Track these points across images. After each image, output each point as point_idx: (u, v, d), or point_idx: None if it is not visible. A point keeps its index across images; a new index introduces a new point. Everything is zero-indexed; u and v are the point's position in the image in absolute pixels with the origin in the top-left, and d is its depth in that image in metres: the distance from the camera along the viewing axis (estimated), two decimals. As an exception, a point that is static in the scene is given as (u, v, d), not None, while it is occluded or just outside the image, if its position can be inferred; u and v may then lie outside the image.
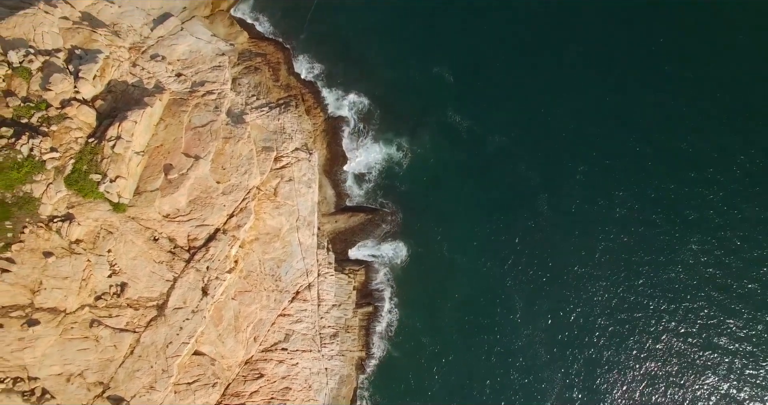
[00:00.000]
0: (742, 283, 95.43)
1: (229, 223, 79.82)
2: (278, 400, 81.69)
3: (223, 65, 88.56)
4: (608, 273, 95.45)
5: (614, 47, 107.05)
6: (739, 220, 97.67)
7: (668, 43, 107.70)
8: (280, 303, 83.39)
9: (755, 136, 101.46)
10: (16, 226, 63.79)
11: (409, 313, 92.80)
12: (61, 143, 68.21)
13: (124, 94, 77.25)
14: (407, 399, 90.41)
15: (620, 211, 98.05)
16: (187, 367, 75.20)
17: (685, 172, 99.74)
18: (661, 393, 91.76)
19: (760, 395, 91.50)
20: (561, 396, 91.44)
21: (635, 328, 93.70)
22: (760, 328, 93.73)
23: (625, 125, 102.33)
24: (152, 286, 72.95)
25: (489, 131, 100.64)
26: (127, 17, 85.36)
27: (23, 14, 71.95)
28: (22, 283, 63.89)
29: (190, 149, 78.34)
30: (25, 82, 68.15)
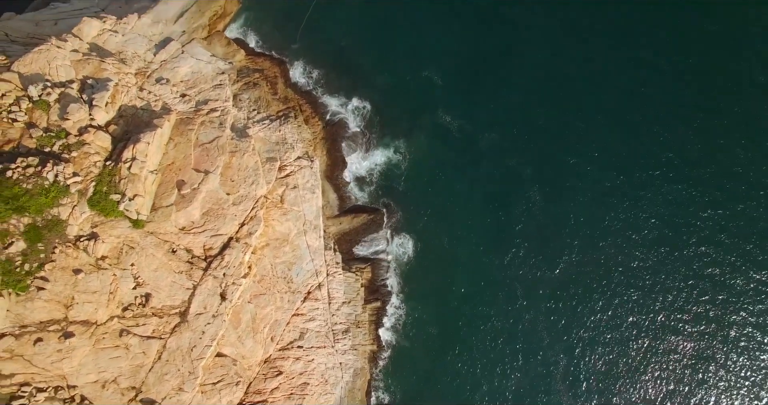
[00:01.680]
0: (741, 263, 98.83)
1: (241, 231, 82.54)
2: (297, 395, 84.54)
3: (224, 83, 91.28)
4: (603, 257, 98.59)
5: (594, 43, 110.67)
6: (731, 206, 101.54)
7: (650, 34, 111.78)
8: (294, 303, 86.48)
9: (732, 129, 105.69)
10: (48, 247, 66.54)
11: (416, 305, 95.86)
12: (82, 168, 71.16)
13: (134, 117, 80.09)
14: (419, 387, 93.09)
15: (610, 197, 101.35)
16: (211, 369, 78.17)
17: (665, 154, 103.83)
18: (661, 369, 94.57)
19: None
20: (565, 375, 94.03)
21: (633, 308, 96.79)
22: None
23: (610, 116, 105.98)
24: (174, 294, 75.94)
25: (479, 129, 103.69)
26: (131, 45, 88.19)
27: (38, 51, 74.87)
28: (57, 299, 66.79)
29: (200, 165, 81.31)
30: (45, 114, 71.10)
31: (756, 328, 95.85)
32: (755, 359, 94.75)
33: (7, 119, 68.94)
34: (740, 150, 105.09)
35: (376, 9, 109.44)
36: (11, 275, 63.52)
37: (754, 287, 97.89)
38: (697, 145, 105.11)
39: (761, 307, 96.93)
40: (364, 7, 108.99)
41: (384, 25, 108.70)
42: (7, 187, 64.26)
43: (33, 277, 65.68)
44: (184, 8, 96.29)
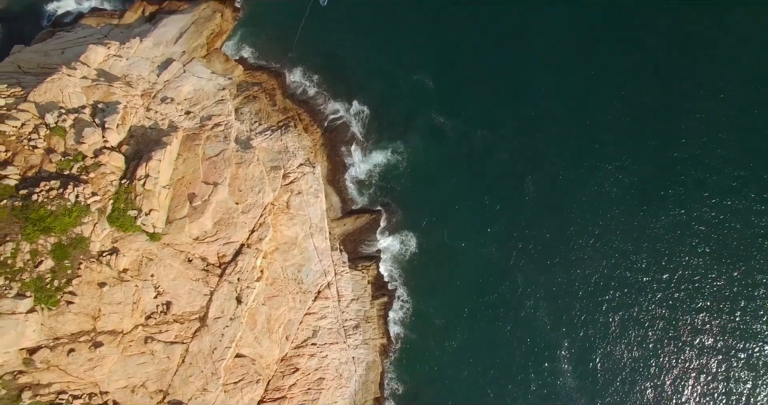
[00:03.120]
0: (733, 244, 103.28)
1: (252, 238, 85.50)
2: (314, 390, 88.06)
3: (225, 98, 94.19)
4: (597, 241, 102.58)
5: (575, 39, 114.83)
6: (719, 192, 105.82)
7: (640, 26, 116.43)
8: (305, 303, 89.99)
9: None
10: (73, 263, 69.53)
11: (421, 298, 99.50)
12: (100, 187, 74.06)
13: (144, 136, 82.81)
14: (430, 376, 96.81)
15: (599, 184, 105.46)
16: (232, 369, 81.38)
17: (655, 142, 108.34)
18: (661, 347, 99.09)
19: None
20: (568, 357, 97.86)
21: (629, 290, 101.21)
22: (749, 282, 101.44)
23: (592, 108, 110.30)
24: (193, 301, 78.97)
25: (471, 127, 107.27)
26: (135, 68, 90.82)
27: (51, 80, 77.70)
28: (85, 312, 69.77)
29: (209, 177, 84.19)
30: (62, 139, 74.14)
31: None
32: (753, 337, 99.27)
33: (28, 146, 71.73)
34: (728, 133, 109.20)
35: (367, 17, 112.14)
36: (43, 292, 66.54)
37: (753, 273, 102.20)
38: (689, 137, 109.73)
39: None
40: (355, 16, 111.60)
41: (374, 33, 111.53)
42: (33, 210, 67.23)
43: (62, 292, 68.53)
44: (183, 29, 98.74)
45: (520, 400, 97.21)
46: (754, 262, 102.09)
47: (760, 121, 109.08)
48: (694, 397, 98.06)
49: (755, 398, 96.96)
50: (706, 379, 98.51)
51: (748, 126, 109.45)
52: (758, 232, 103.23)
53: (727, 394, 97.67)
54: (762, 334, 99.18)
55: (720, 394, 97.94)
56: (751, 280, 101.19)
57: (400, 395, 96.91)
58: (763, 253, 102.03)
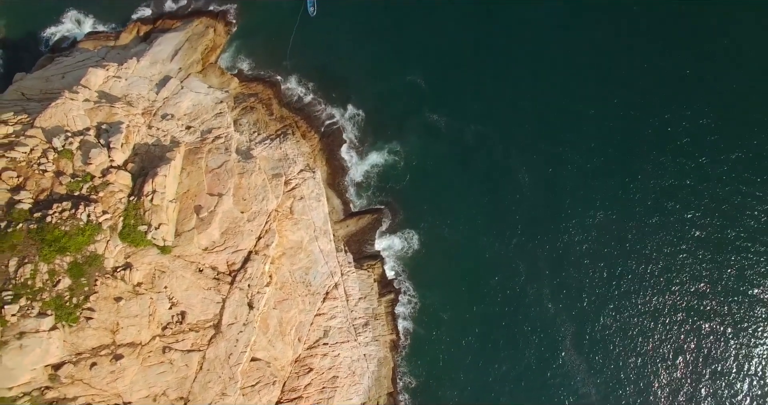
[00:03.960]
0: (723, 229, 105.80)
1: (259, 244, 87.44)
2: (329, 388, 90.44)
3: (224, 111, 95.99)
4: (594, 227, 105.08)
5: (554, 35, 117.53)
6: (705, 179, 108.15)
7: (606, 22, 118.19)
8: (314, 304, 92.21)
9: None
10: (90, 280, 71.79)
11: (426, 293, 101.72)
12: (110, 205, 76.00)
13: (148, 153, 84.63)
14: (441, 368, 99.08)
15: (593, 171, 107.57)
16: (249, 372, 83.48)
17: (645, 130, 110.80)
18: (662, 327, 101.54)
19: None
20: (573, 340, 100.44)
21: (629, 272, 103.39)
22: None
23: (582, 99, 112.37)
24: (206, 309, 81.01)
25: (464, 123, 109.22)
26: (134, 87, 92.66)
27: (55, 105, 79.59)
28: (104, 326, 71.85)
29: (213, 189, 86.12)
30: (70, 161, 76.16)
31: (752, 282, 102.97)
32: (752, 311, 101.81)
33: (39, 171, 73.81)
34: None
35: (355, 24, 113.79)
36: (63, 309, 68.77)
37: (747, 244, 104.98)
38: (675, 122, 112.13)
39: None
40: (344, 23, 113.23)
41: (364, 38, 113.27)
42: (48, 232, 69.31)
43: (81, 308, 70.73)
44: (177, 47, 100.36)
45: (529, 384, 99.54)
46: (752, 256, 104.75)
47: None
48: (700, 376, 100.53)
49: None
50: (709, 355, 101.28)
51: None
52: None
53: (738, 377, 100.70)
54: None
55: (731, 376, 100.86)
56: (750, 274, 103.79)
57: (413, 389, 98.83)
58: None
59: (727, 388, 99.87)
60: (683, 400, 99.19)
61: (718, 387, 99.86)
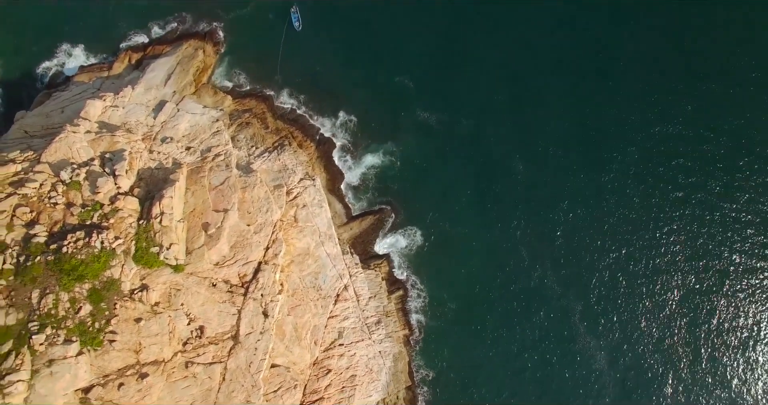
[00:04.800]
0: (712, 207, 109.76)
1: (267, 254, 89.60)
2: (348, 387, 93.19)
3: (221, 129, 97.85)
4: (591, 207, 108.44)
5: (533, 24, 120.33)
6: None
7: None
8: (327, 308, 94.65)
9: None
10: (109, 304, 74.21)
11: (434, 286, 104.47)
12: (121, 231, 78.23)
13: (152, 177, 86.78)
14: (455, 357, 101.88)
15: (578, 157, 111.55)
16: (270, 379, 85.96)
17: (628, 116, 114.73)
18: (666, 302, 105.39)
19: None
20: (582, 319, 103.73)
21: (629, 248, 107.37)
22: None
23: (568, 84, 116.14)
24: (223, 322, 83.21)
25: (455, 118, 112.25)
26: (132, 115, 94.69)
27: (58, 140, 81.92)
28: (127, 348, 74.17)
29: (218, 205, 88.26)
30: (79, 192, 78.47)
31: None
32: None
33: (50, 204, 76.21)
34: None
35: (340, 34, 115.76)
36: (86, 335, 71.24)
37: (740, 217, 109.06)
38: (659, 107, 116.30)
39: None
40: (329, 34, 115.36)
41: (349, 46, 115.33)
42: (65, 262, 71.66)
43: (104, 332, 73.08)
44: (169, 71, 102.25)
45: (539, 364, 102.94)
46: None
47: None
48: (706, 345, 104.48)
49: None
50: (712, 323, 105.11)
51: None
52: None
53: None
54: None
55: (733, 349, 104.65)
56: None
57: (431, 380, 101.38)
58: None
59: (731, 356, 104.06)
60: (687, 363, 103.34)
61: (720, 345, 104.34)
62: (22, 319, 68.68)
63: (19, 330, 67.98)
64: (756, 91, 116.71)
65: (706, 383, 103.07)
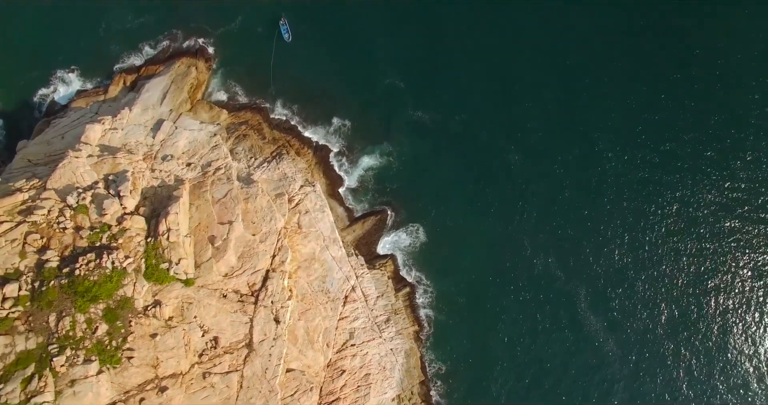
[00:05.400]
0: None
1: (274, 262, 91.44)
2: (363, 386, 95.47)
3: (219, 143, 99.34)
4: (588, 192, 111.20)
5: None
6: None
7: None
8: (336, 310, 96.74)
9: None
10: (125, 322, 76.02)
11: (440, 281, 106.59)
12: (130, 250, 79.81)
13: (156, 195, 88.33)
14: (465, 348, 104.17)
15: (571, 146, 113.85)
16: (286, 383, 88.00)
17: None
18: (665, 278, 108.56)
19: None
20: (587, 302, 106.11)
21: (628, 229, 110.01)
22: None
23: (547, 84, 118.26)
24: (236, 331, 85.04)
25: (448, 115, 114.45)
26: (131, 135, 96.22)
27: (62, 166, 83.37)
28: (145, 363, 75.95)
29: (223, 218, 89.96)
30: (86, 216, 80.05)
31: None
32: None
33: (59, 229, 77.94)
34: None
35: (329, 42, 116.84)
36: (105, 353, 73.11)
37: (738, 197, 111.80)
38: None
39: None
40: (319, 43, 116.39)
41: (339, 53, 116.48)
42: (79, 284, 73.49)
43: (121, 350, 74.84)
44: (164, 90, 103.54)
45: (550, 351, 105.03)
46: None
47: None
48: (710, 322, 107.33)
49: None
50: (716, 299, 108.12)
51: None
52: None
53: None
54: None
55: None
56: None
57: (444, 374, 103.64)
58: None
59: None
60: (684, 339, 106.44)
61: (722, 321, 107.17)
62: (41, 342, 70.38)
63: (40, 353, 69.77)
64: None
65: (715, 363, 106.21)
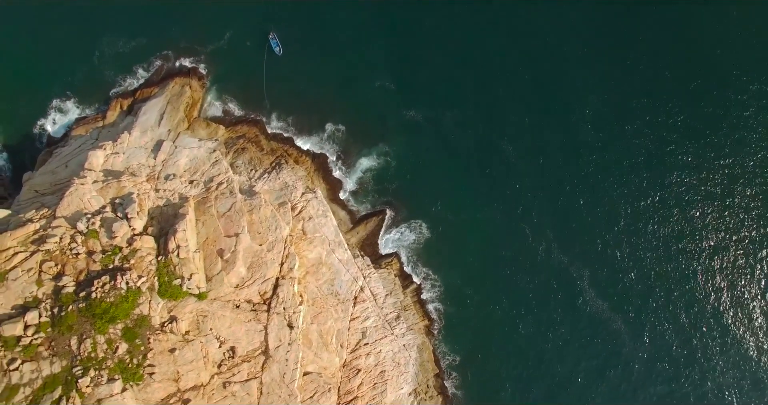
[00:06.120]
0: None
1: (283, 269, 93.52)
2: (380, 383, 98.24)
3: (219, 159, 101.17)
4: (585, 177, 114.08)
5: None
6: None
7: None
8: (347, 311, 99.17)
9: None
10: (143, 340, 78.38)
11: (446, 274, 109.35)
12: (143, 269, 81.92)
13: (162, 215, 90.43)
14: (476, 338, 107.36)
15: (569, 124, 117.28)
16: (304, 386, 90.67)
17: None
18: (666, 256, 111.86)
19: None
20: (592, 283, 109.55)
21: (626, 209, 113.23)
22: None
23: (540, 66, 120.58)
24: (252, 339, 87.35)
25: (440, 112, 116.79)
26: (133, 158, 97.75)
27: (69, 194, 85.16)
28: (166, 377, 78.29)
29: (229, 231, 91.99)
30: (97, 240, 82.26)
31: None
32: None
33: (72, 255, 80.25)
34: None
35: (317, 53, 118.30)
36: (127, 371, 75.64)
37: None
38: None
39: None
40: (308, 55, 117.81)
41: (328, 62, 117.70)
42: (96, 306, 75.87)
43: (142, 367, 77.26)
44: (161, 111, 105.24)
45: (560, 333, 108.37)
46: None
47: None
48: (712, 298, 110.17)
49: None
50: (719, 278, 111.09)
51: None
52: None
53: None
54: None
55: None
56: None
57: (457, 365, 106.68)
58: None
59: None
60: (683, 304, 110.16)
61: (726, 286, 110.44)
62: (66, 365, 73.00)
63: (66, 376, 72.38)
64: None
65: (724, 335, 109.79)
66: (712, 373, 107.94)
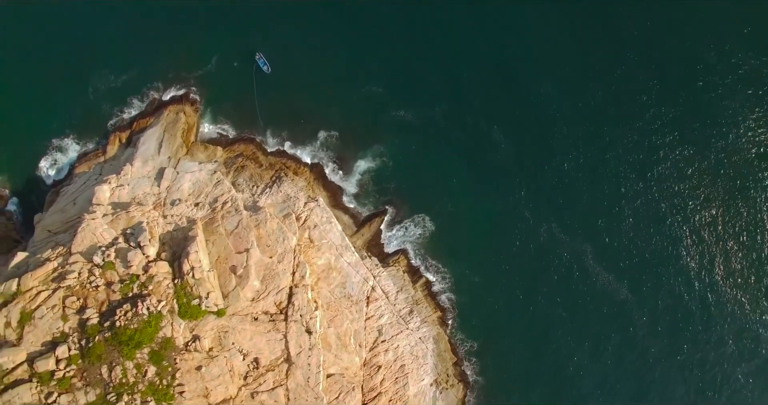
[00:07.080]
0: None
1: (295, 278, 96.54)
2: (401, 377, 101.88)
3: (220, 179, 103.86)
4: (580, 159, 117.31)
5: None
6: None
7: None
8: (361, 311, 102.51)
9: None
10: (170, 361, 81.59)
11: (454, 265, 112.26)
12: (161, 294, 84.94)
13: (173, 239, 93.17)
14: (490, 323, 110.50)
15: (560, 112, 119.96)
16: (329, 388, 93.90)
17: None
18: (664, 230, 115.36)
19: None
20: (596, 259, 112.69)
21: (621, 189, 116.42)
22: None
23: (529, 57, 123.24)
24: (273, 348, 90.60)
25: (430, 108, 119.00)
26: (138, 188, 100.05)
27: (81, 229, 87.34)
28: (196, 394, 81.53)
29: (239, 247, 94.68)
30: (114, 271, 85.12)
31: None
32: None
33: (92, 288, 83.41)
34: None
35: (304, 66, 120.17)
36: (158, 392, 79.07)
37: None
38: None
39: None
40: (296, 69, 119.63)
41: (315, 73, 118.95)
42: (122, 334, 79.15)
43: (172, 387, 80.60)
44: (159, 140, 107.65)
45: (569, 306, 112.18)
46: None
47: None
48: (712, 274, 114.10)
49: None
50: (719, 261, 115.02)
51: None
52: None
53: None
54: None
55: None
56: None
57: (476, 351, 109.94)
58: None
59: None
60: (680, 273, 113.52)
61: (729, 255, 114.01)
62: (100, 393, 76.47)
63: (101, 404, 75.93)
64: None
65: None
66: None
